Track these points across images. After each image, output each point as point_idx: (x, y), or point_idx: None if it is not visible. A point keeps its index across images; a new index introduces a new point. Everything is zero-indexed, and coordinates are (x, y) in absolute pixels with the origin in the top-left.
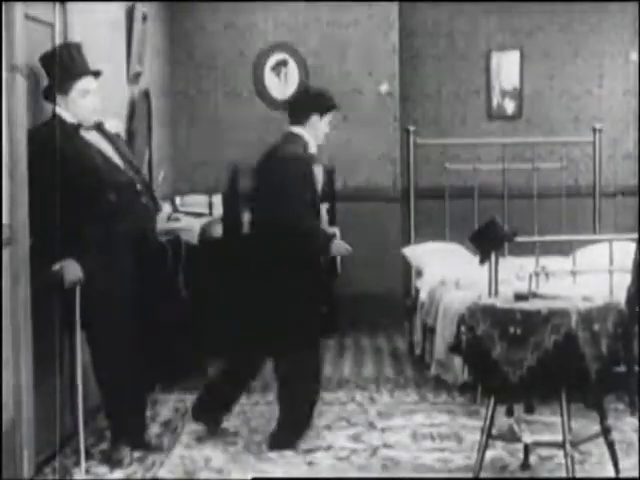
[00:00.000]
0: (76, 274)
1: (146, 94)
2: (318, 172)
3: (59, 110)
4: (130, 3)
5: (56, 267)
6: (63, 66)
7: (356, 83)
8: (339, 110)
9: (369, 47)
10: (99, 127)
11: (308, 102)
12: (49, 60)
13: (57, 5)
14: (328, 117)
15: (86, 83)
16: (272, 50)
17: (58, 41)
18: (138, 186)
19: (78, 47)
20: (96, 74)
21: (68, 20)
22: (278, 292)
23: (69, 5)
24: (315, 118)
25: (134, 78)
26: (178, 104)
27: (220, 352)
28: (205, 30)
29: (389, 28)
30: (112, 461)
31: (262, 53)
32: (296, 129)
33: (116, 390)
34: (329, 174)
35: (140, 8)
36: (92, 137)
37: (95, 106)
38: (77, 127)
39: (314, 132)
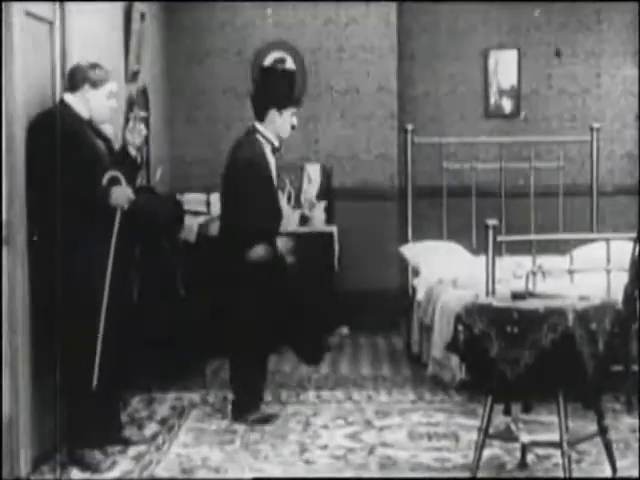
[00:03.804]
0: (124, 198)
1: (144, 92)
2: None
3: (71, 101)
4: (128, 2)
5: (105, 181)
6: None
7: (354, 82)
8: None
9: (367, 46)
10: (95, 128)
11: None
12: None
13: (56, 4)
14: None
15: (114, 85)
16: (270, 48)
17: (57, 40)
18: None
19: None
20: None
21: (67, 19)
22: None
23: (68, 4)
24: None
25: (132, 76)
26: (176, 102)
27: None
28: (203, 28)
29: (387, 26)
30: (85, 465)
31: (260, 51)
32: None
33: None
34: (327, 172)
35: (138, 7)
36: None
37: (113, 108)
38: (89, 123)
39: None
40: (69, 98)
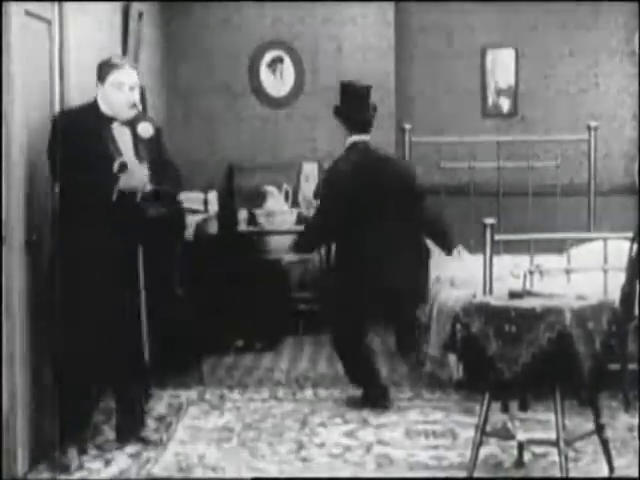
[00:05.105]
0: (137, 178)
1: (141, 91)
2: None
3: (99, 98)
4: (126, 1)
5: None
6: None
7: None
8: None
9: (365, 45)
10: (132, 125)
11: None
12: None
13: (55, 3)
14: None
15: (120, 76)
16: (268, 47)
17: (56, 39)
18: (138, 196)
19: None
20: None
21: (65, 18)
22: None
23: (66, 3)
24: None
25: None
26: (173, 101)
27: None
28: (201, 27)
29: (385, 26)
30: (59, 465)
31: (258, 50)
32: None
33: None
34: (324, 171)
35: (136, 6)
36: (120, 135)
37: (130, 100)
38: (110, 119)
39: None
40: (99, 96)
